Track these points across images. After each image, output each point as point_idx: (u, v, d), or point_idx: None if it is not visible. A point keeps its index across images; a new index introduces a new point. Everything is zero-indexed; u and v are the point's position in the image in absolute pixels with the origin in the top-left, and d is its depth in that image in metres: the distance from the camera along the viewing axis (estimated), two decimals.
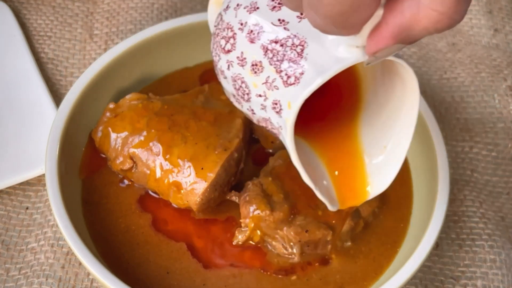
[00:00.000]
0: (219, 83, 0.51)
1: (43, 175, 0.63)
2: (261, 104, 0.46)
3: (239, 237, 0.56)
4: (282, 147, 0.62)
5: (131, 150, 0.58)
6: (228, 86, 0.49)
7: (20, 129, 0.66)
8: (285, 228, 0.55)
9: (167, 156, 0.57)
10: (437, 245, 0.62)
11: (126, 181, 0.60)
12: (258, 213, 0.55)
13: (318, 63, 0.42)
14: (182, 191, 0.56)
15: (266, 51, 0.44)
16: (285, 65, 0.43)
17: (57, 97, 0.71)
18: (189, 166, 0.56)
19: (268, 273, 0.56)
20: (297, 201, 0.56)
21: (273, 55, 0.44)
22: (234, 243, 0.57)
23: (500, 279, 0.59)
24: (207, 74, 0.68)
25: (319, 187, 0.48)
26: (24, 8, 0.79)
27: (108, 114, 0.60)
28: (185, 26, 0.67)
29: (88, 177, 0.60)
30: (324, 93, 0.48)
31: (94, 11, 0.79)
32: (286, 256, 0.56)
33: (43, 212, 0.62)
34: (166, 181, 0.57)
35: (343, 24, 0.36)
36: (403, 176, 0.63)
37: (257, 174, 0.59)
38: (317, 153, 0.51)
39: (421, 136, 0.62)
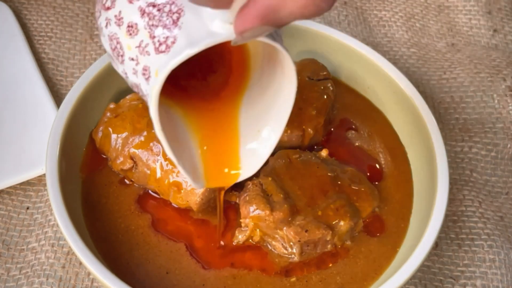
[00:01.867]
0: None
1: (44, 175, 0.63)
2: (133, 69, 0.44)
3: (239, 237, 0.56)
4: (282, 147, 0.62)
5: (132, 150, 0.58)
6: (106, 45, 0.47)
7: (21, 129, 0.66)
8: (284, 228, 0.55)
9: (168, 156, 0.57)
10: (436, 245, 0.62)
11: (126, 181, 0.60)
12: (258, 213, 0.55)
13: (191, 34, 0.41)
14: (182, 191, 0.56)
15: (143, 14, 0.43)
16: (159, 31, 0.42)
17: (57, 97, 0.71)
18: None
19: (268, 274, 0.56)
20: (297, 201, 0.56)
21: (149, 19, 0.43)
22: (234, 243, 0.57)
23: (499, 278, 0.59)
24: None
25: (184, 162, 0.47)
26: (25, 9, 0.79)
27: (108, 114, 0.61)
28: None
29: (88, 177, 0.60)
30: (215, 68, 0.47)
31: (95, 12, 0.79)
32: (286, 256, 0.56)
33: (43, 212, 0.63)
34: (166, 181, 0.57)
35: None
36: (403, 176, 0.63)
37: (257, 174, 0.59)
38: (193, 126, 0.50)
39: (420, 136, 0.62)
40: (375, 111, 0.68)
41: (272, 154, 0.60)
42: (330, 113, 0.65)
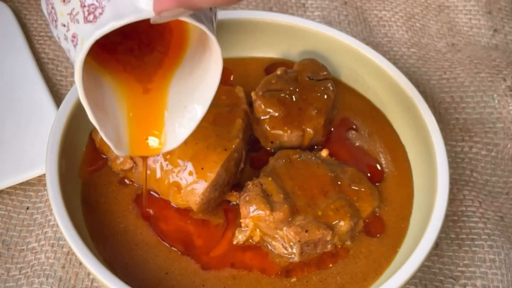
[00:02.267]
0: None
1: (44, 175, 0.63)
2: (64, 34, 0.46)
3: (239, 237, 0.56)
4: (282, 147, 0.62)
5: None
6: (43, 8, 0.49)
7: (21, 129, 0.66)
8: (285, 228, 0.55)
9: (168, 156, 0.57)
10: (436, 245, 0.62)
11: (126, 181, 0.60)
12: (258, 213, 0.55)
13: (118, 7, 0.42)
14: (182, 191, 0.56)
15: None
16: (89, 1, 0.43)
17: (57, 97, 0.71)
18: (189, 166, 0.56)
19: (268, 275, 0.56)
20: (297, 201, 0.56)
21: None
22: (234, 243, 0.57)
23: (499, 278, 0.59)
24: None
25: (108, 129, 0.49)
26: (25, 9, 0.79)
27: None
28: None
29: (88, 177, 0.60)
30: (153, 46, 0.49)
31: None
32: (286, 256, 0.56)
33: (43, 212, 0.62)
34: (166, 181, 0.57)
35: None
36: (403, 176, 0.63)
37: (257, 175, 0.59)
38: (122, 95, 0.51)
39: (420, 136, 0.62)
40: (375, 111, 0.68)
41: (272, 154, 0.61)
42: (330, 113, 0.65)
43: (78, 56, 0.43)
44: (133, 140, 0.51)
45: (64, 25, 0.45)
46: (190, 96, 0.50)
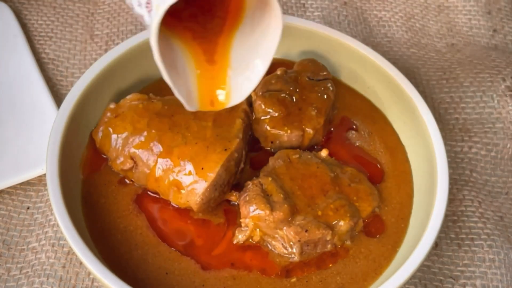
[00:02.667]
0: None
1: (44, 175, 0.63)
2: (138, 1, 0.49)
3: (239, 237, 0.56)
4: (282, 147, 0.62)
5: (132, 150, 0.58)
6: None
7: (21, 129, 0.66)
8: (284, 228, 0.55)
9: (168, 156, 0.57)
10: (436, 245, 0.62)
11: (126, 181, 0.60)
12: (258, 213, 0.55)
13: None
14: (182, 191, 0.56)
15: None
16: None
17: (57, 97, 0.71)
18: (190, 166, 0.56)
19: (268, 275, 0.56)
20: (297, 201, 0.56)
21: None
22: (234, 243, 0.57)
23: (499, 278, 0.59)
24: None
25: (180, 87, 0.51)
26: (25, 9, 0.79)
27: (108, 114, 0.61)
28: None
29: (88, 177, 0.60)
30: (213, 12, 0.53)
31: (95, 12, 0.79)
32: (286, 255, 0.56)
33: (44, 212, 0.63)
34: (166, 181, 0.57)
35: None
36: (403, 176, 0.63)
37: (257, 175, 0.59)
38: (190, 55, 0.54)
39: (420, 136, 0.62)
40: (375, 111, 0.68)
41: (272, 154, 0.61)
42: (330, 113, 0.65)
43: (154, 20, 0.46)
44: (202, 96, 0.54)
45: None
46: (253, 53, 0.53)
